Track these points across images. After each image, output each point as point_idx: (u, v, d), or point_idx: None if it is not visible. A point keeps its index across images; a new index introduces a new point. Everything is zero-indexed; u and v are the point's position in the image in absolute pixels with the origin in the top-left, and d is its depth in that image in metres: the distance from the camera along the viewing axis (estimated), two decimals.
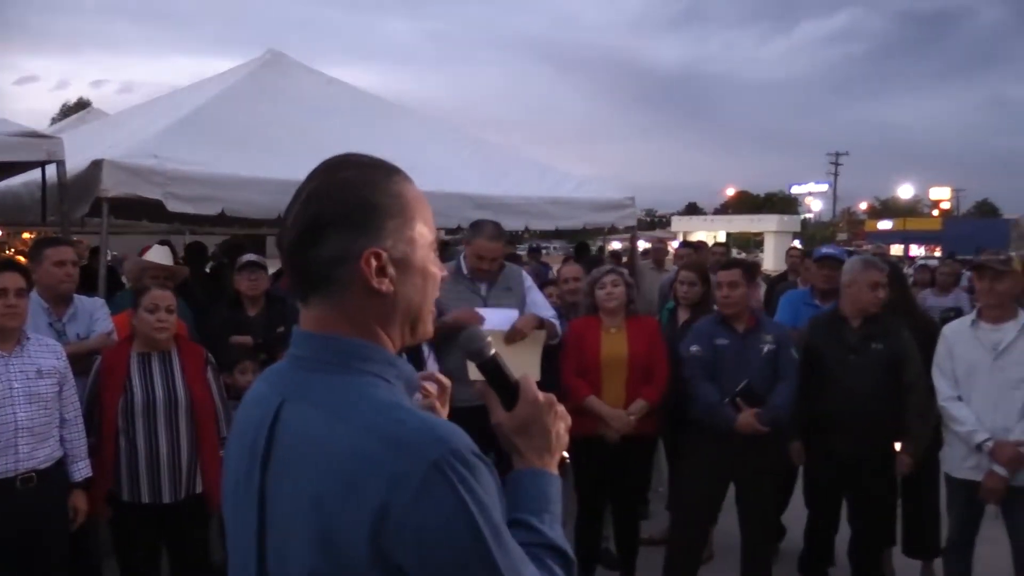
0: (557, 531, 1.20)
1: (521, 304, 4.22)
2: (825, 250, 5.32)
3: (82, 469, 3.32)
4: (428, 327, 1.25)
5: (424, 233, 1.22)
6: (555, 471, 1.26)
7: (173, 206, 4.67)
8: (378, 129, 6.60)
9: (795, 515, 4.71)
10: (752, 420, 3.88)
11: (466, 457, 1.05)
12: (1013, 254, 4.04)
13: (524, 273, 4.44)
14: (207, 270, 8.09)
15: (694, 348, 4.06)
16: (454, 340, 1.43)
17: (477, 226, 4.17)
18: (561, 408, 1.29)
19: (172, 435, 3.39)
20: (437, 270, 1.24)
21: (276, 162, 5.25)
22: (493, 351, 1.29)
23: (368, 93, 7.51)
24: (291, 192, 4.59)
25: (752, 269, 4.29)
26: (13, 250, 19.43)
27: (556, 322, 4.27)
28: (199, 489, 3.48)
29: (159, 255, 4.70)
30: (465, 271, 4.15)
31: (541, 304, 4.31)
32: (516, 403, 1.26)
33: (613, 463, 4.18)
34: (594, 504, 4.36)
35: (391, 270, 1.16)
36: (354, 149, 4.81)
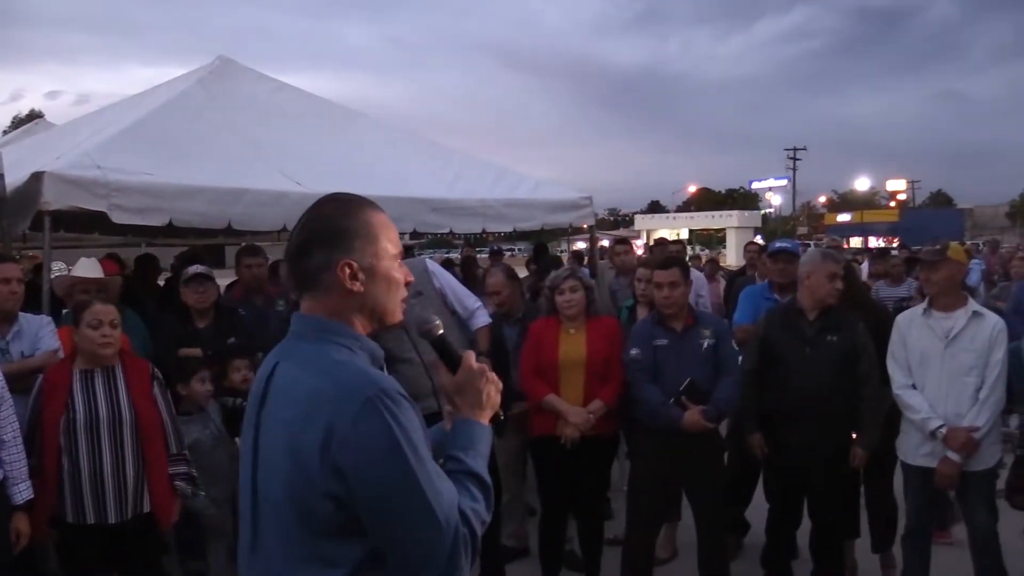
0: (479, 464, 1.61)
1: (439, 303, 4.15)
2: (779, 244, 5.33)
3: (23, 491, 3.22)
4: (394, 316, 1.69)
5: (387, 248, 1.66)
6: (485, 423, 1.66)
7: (118, 218, 4.54)
8: (332, 135, 6.53)
9: (759, 509, 4.72)
10: (698, 417, 3.88)
11: (392, 395, 1.50)
12: (952, 243, 4.08)
13: (429, 267, 4.32)
14: (161, 282, 7.92)
15: (634, 351, 4.06)
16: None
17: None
18: (492, 375, 1.68)
19: (117, 453, 3.30)
20: (400, 275, 1.68)
21: (225, 170, 5.16)
22: (441, 331, 1.74)
23: (322, 98, 7.40)
24: (240, 201, 4.58)
25: (687, 267, 4.28)
26: None
27: (480, 312, 4.27)
28: (147, 508, 3.39)
29: (86, 268, 4.56)
30: None
31: (463, 295, 4.29)
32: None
33: (574, 463, 4.16)
34: (557, 505, 4.33)
35: (361, 275, 1.61)
36: (306, 155, 4.80)
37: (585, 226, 7.43)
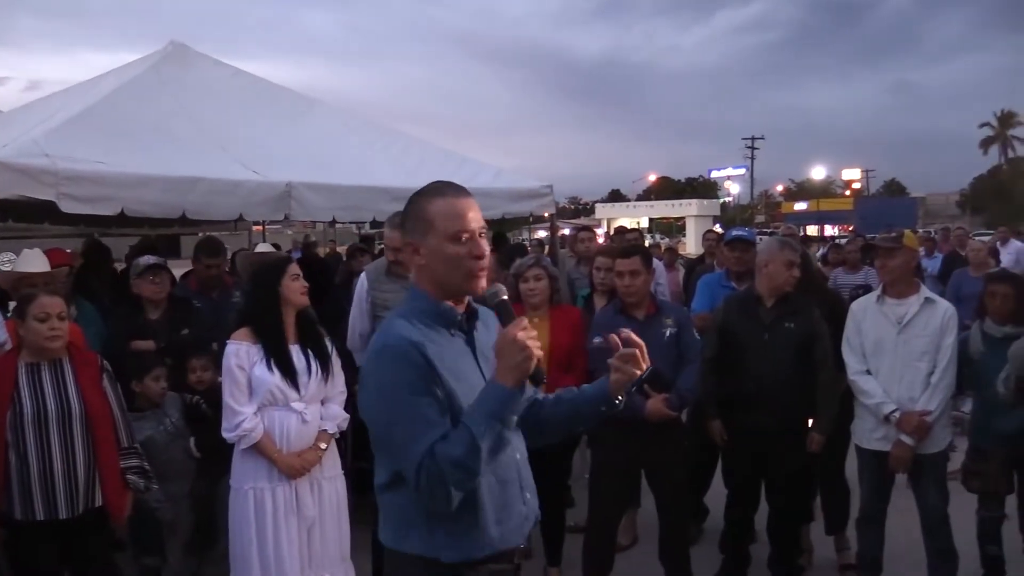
0: (475, 419, 1.83)
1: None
2: (735, 232, 5.38)
3: None
4: (462, 287, 2.00)
5: (444, 229, 1.95)
6: (507, 384, 1.84)
7: (67, 207, 4.42)
8: (289, 122, 6.44)
9: (717, 495, 4.78)
10: (661, 406, 3.90)
11: (394, 349, 1.89)
12: (906, 231, 4.18)
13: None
14: (114, 272, 7.74)
15: (596, 340, 4.05)
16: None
17: (389, 217, 4.08)
18: (528, 344, 1.84)
19: (66, 447, 3.22)
20: (460, 252, 1.95)
21: (179, 158, 5.06)
22: (504, 297, 1.99)
23: (279, 85, 7.28)
24: (195, 189, 4.50)
25: (650, 255, 4.30)
26: None
27: None
28: (99, 502, 3.32)
29: (31, 261, 4.42)
30: (394, 270, 4.03)
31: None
32: None
33: (534, 453, 4.15)
34: None
35: (422, 252, 1.98)
36: (263, 143, 4.72)
37: (546, 215, 7.43)
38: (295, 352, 3.52)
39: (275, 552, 3.42)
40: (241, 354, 3.42)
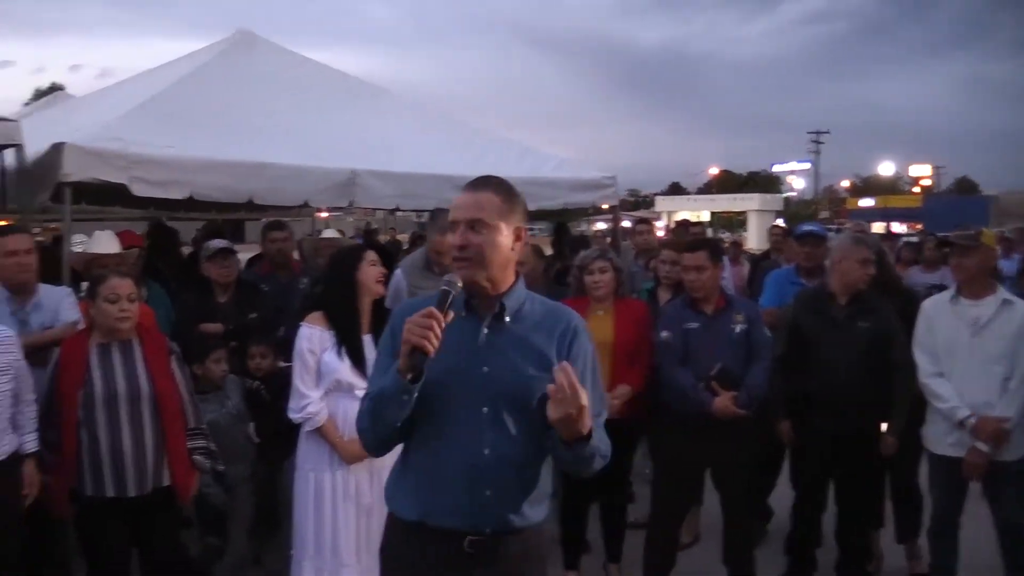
0: (370, 392, 2.09)
1: None
2: (806, 227, 5.25)
3: (31, 443, 3.28)
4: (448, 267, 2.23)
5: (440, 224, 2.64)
6: (400, 367, 1.91)
7: (139, 190, 4.52)
8: (353, 110, 6.45)
9: (782, 496, 4.66)
10: (729, 403, 3.81)
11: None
12: (984, 229, 3.99)
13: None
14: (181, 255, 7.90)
15: (664, 334, 3.98)
16: None
17: (433, 218, 3.92)
18: (409, 331, 1.87)
19: (136, 427, 3.26)
20: (443, 241, 2.19)
21: (246, 144, 5.11)
22: (445, 288, 1.95)
23: (344, 73, 7.32)
24: (262, 175, 4.54)
25: (718, 249, 4.19)
26: None
27: None
28: (167, 482, 3.36)
29: (103, 242, 4.52)
30: (425, 262, 3.96)
31: None
32: None
33: None
34: (579, 490, 4.28)
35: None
36: (327, 130, 4.73)
37: (605, 206, 7.34)
38: (367, 342, 3.46)
39: (332, 534, 3.44)
40: (314, 338, 3.42)
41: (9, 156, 4.37)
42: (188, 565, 3.84)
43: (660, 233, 10.16)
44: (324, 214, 10.45)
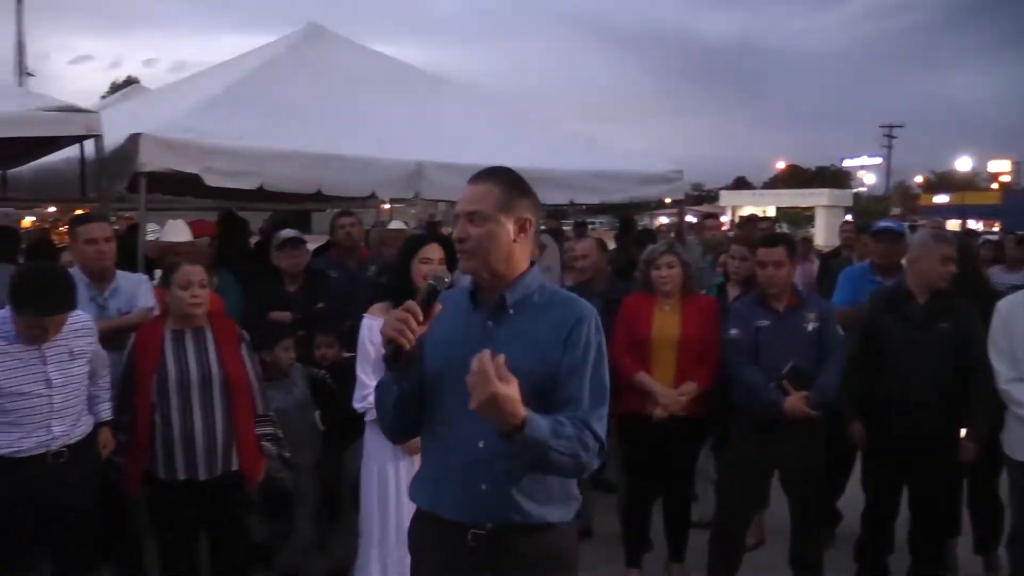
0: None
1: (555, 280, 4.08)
2: (883, 224, 5.09)
3: (105, 411, 3.39)
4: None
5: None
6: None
7: (211, 180, 4.61)
8: (421, 103, 6.47)
9: (852, 499, 4.53)
10: (800, 403, 3.70)
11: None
12: None
13: (555, 247, 4.27)
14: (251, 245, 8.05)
15: (733, 331, 3.88)
16: None
17: None
18: (388, 326, 1.90)
19: (207, 412, 3.33)
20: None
21: (315, 136, 5.18)
22: (432, 283, 1.97)
23: (411, 66, 7.36)
24: (330, 166, 4.61)
25: (795, 245, 4.08)
26: (65, 227, 19.88)
27: None
28: (236, 466, 3.43)
29: (175, 231, 4.63)
30: None
31: None
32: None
33: (662, 444, 4.04)
34: (643, 487, 4.23)
35: None
36: (395, 122, 4.74)
37: (668, 200, 7.23)
38: None
39: (396, 524, 3.46)
40: (375, 329, 3.44)
41: (89, 147, 4.50)
42: (253, 548, 3.92)
43: (724, 229, 9.98)
44: (387, 205, 10.53)
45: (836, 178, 68.56)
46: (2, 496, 3.01)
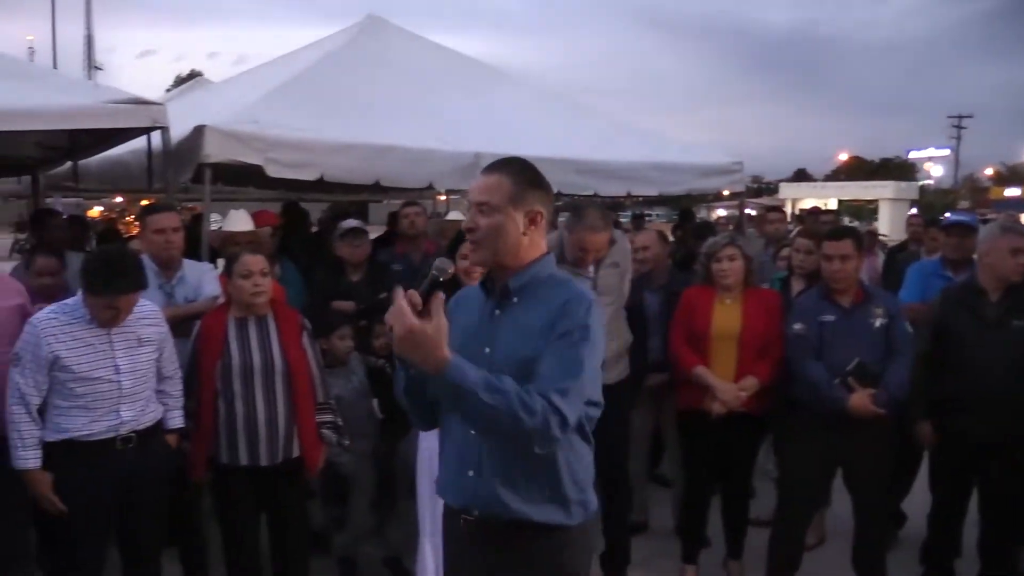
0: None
1: (622, 277, 4.01)
2: (954, 217, 4.93)
3: (176, 419, 3.40)
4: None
5: None
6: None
7: (273, 171, 4.67)
8: (478, 94, 6.48)
9: (918, 501, 4.40)
10: (866, 401, 3.59)
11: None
12: None
13: (627, 242, 4.19)
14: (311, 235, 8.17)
15: (797, 326, 3.79)
16: None
17: (579, 214, 3.77)
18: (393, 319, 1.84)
19: (269, 399, 3.38)
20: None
21: (375, 127, 5.21)
22: (435, 272, 1.90)
23: (469, 58, 7.36)
24: (389, 157, 4.66)
25: (862, 239, 3.96)
26: (132, 216, 20.43)
27: None
28: (296, 453, 3.48)
29: (237, 221, 4.71)
30: (568, 257, 3.91)
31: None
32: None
33: (721, 440, 3.98)
34: (701, 482, 4.17)
35: None
36: (453, 114, 4.75)
37: (726, 192, 7.12)
38: None
39: None
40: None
41: (155, 138, 4.59)
42: (312, 533, 3.98)
43: None
44: (443, 196, 10.61)
45: (901, 170, 66.65)
46: (74, 479, 3.09)
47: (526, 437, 1.89)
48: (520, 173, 2.08)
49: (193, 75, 41.89)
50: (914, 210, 22.27)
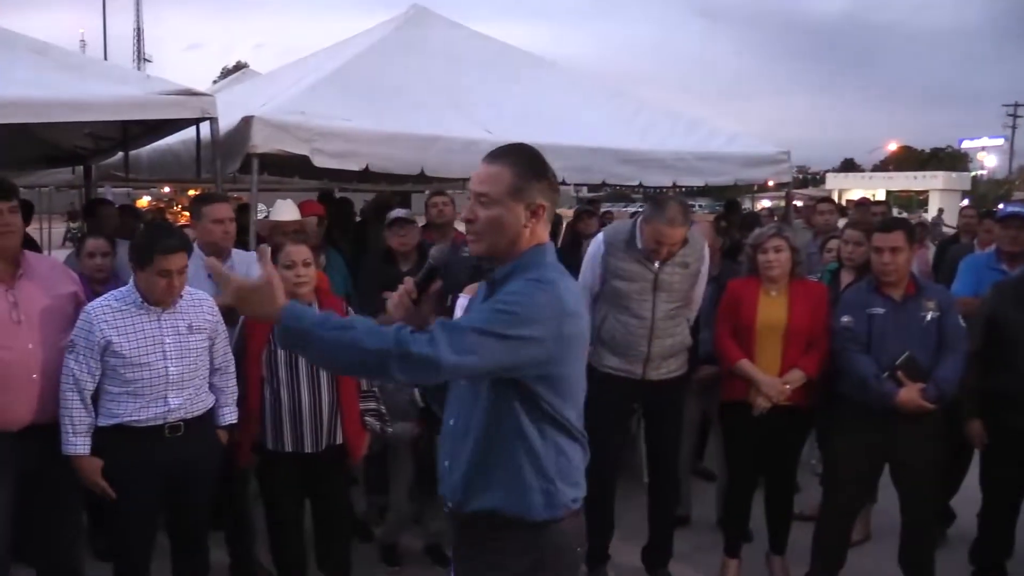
0: None
1: (692, 280, 3.97)
2: (1011, 208, 4.79)
3: (228, 415, 3.43)
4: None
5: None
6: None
7: (319, 161, 4.71)
8: (522, 83, 6.46)
9: (967, 499, 4.31)
10: (916, 396, 3.52)
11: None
12: None
13: (707, 246, 4.12)
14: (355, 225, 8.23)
15: (845, 319, 3.71)
16: None
17: (659, 206, 3.73)
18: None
19: (314, 387, 3.42)
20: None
21: (419, 117, 5.23)
22: (430, 263, 2.14)
23: (513, 47, 7.34)
24: (433, 147, 4.70)
25: (914, 231, 3.87)
26: (179, 206, 20.81)
27: None
28: (340, 440, 3.51)
29: (283, 210, 4.76)
30: (640, 244, 3.86)
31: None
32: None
33: (765, 434, 3.93)
34: (744, 476, 4.12)
35: None
36: (496, 103, 4.75)
37: (770, 183, 7.01)
38: None
39: None
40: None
41: (204, 129, 4.66)
42: (355, 520, 4.02)
43: None
44: None
45: (952, 160, 65.08)
46: (123, 465, 3.15)
47: (376, 358, 1.79)
48: (522, 163, 1.99)
49: (239, 67, 42.39)
50: (966, 201, 21.74)
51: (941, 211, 35.02)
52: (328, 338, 1.81)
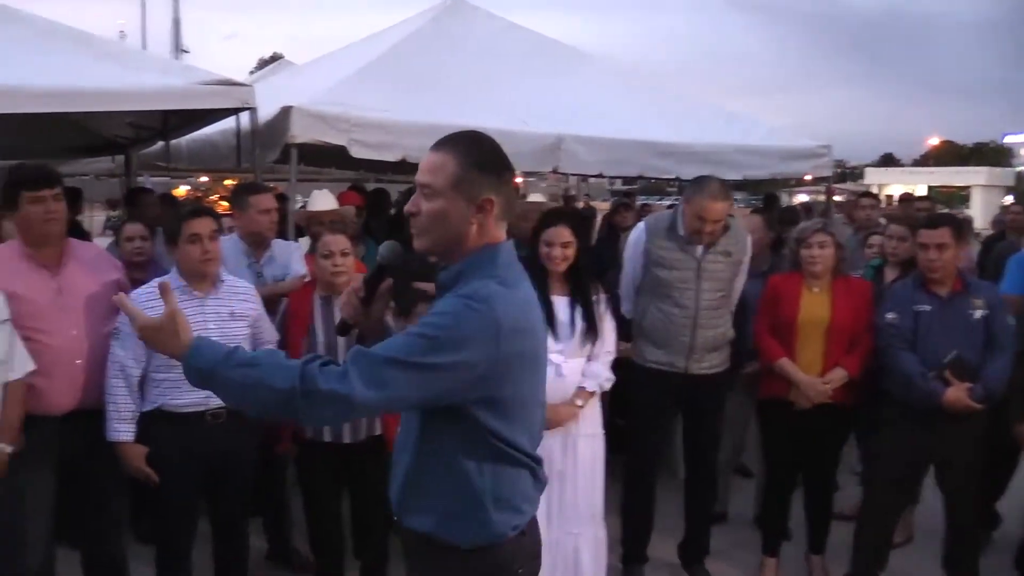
0: None
1: (735, 269, 3.92)
2: None
3: None
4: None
5: None
6: None
7: (357, 152, 4.72)
8: (559, 75, 6.42)
9: (1014, 502, 4.22)
10: (963, 395, 3.44)
11: None
12: None
13: (749, 237, 4.06)
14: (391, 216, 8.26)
15: (890, 316, 3.64)
16: None
17: (699, 183, 3.72)
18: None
19: None
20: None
21: (455, 108, 5.19)
22: (379, 261, 2.02)
23: (549, 39, 7.30)
24: None
25: (961, 226, 3.78)
26: (217, 195, 21.04)
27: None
28: (378, 431, 3.51)
29: (321, 201, 4.78)
30: (681, 230, 3.82)
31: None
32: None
33: (805, 431, 3.87)
34: (783, 474, 4.07)
35: None
36: (535, 95, 4.71)
37: (808, 177, 6.89)
38: (562, 304, 3.49)
39: None
40: None
41: (243, 119, 4.69)
42: (388, 510, 4.02)
43: None
44: (519, 179, 10.59)
45: (996, 155, 63.76)
46: (165, 451, 3.19)
47: (282, 398, 1.65)
48: (469, 154, 1.80)
49: (275, 57, 42.69)
50: (1010, 198, 21.24)
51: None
52: (233, 377, 1.67)
